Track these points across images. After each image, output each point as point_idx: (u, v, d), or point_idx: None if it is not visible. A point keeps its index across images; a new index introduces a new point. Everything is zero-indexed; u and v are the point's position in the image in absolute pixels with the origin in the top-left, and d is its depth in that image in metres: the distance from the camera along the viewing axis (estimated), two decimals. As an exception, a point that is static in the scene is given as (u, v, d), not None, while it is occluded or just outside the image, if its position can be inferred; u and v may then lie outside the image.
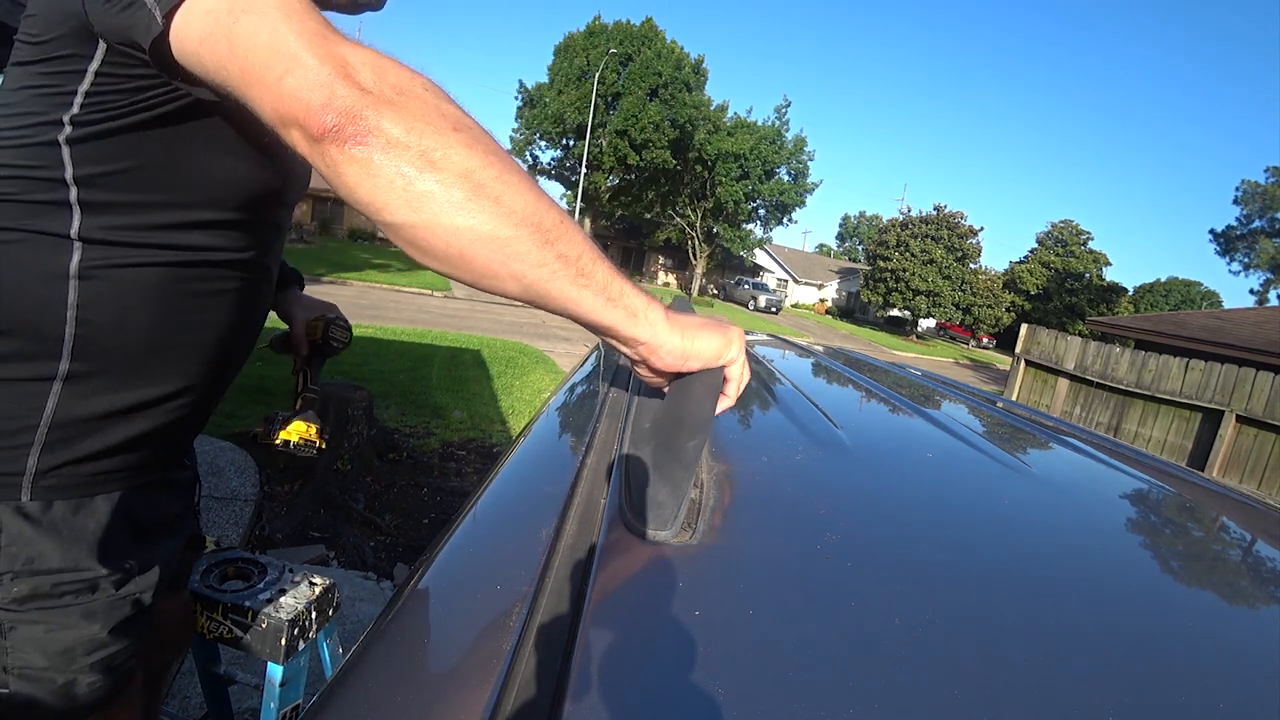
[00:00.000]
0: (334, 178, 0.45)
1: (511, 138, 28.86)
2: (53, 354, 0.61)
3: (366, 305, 10.59)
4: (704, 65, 25.91)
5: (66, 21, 0.55)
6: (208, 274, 0.69)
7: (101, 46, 0.55)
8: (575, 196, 25.69)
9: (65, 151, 0.58)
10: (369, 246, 22.42)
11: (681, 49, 25.58)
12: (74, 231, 0.60)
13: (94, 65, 0.56)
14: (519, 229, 0.48)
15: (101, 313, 0.62)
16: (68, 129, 0.58)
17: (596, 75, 22.18)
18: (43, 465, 0.63)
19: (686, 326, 0.55)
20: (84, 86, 0.57)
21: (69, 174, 0.59)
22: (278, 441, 1.06)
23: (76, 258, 0.61)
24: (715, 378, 0.66)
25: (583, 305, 0.53)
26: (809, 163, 27.21)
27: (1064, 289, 36.09)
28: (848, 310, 39.49)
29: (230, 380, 0.81)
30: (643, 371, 0.62)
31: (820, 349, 1.79)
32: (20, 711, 0.65)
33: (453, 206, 0.46)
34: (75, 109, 0.57)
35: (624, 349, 0.58)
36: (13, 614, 0.63)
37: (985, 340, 36.50)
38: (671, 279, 36.06)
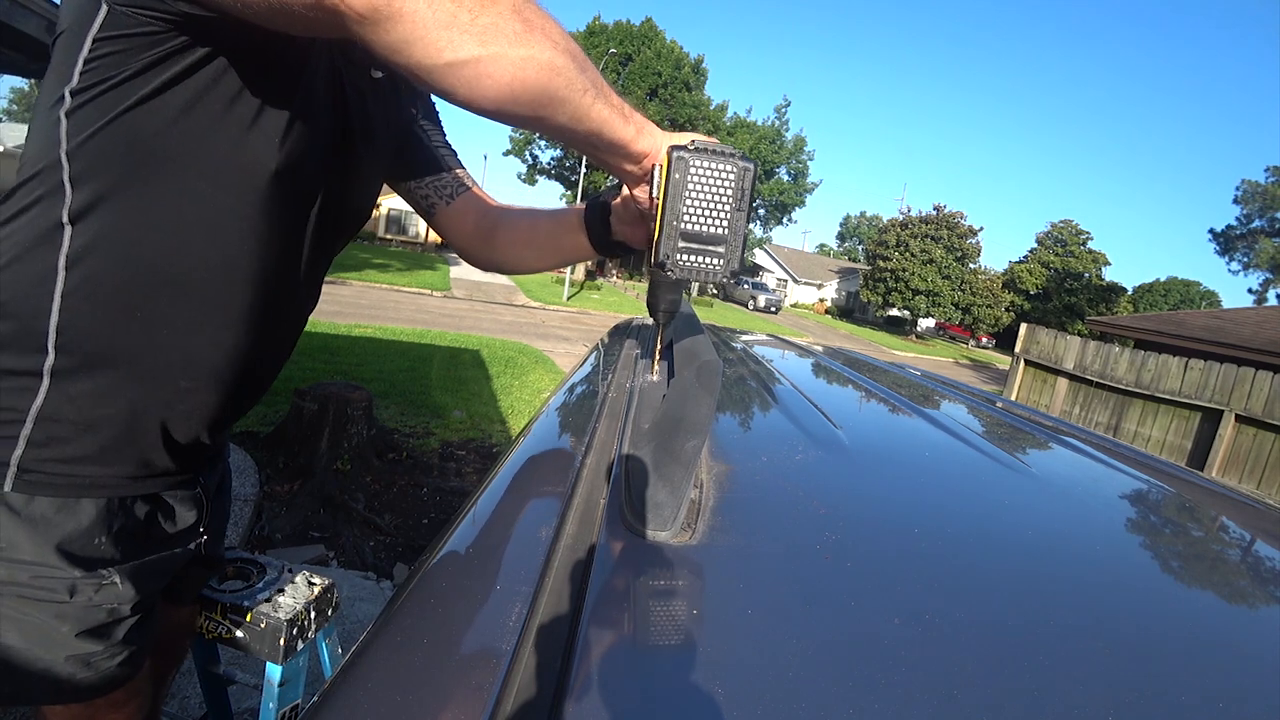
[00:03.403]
0: (398, 21, 0.46)
1: (511, 137, 28.86)
2: (39, 347, 0.61)
3: (366, 305, 10.59)
4: (704, 65, 25.92)
5: (83, 4, 0.55)
6: (206, 286, 0.65)
7: (102, 11, 0.54)
8: (575, 196, 25.70)
9: (64, 126, 0.57)
10: (369, 246, 22.42)
11: (681, 49, 25.58)
12: (66, 215, 0.59)
13: (93, 30, 0.55)
14: (564, 56, 0.52)
15: (83, 309, 0.61)
16: (68, 101, 0.57)
17: (596, 75, 22.21)
18: (26, 460, 0.62)
19: (655, 127, 0.64)
20: (83, 54, 0.55)
21: (64, 149, 0.58)
22: None
23: (66, 246, 0.60)
24: (714, 378, 0.66)
25: (612, 125, 0.59)
26: (809, 163, 27.26)
27: (1063, 289, 36.11)
28: (847, 310, 39.51)
29: (247, 403, 0.78)
30: (640, 194, 0.68)
31: (820, 349, 1.79)
32: (5, 681, 0.66)
33: (516, 37, 0.49)
34: (75, 80, 0.56)
35: (628, 166, 0.65)
36: None
37: (985, 340, 36.54)
38: (671, 279, 35.96)
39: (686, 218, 0.62)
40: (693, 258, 0.63)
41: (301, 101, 0.65)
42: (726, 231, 0.63)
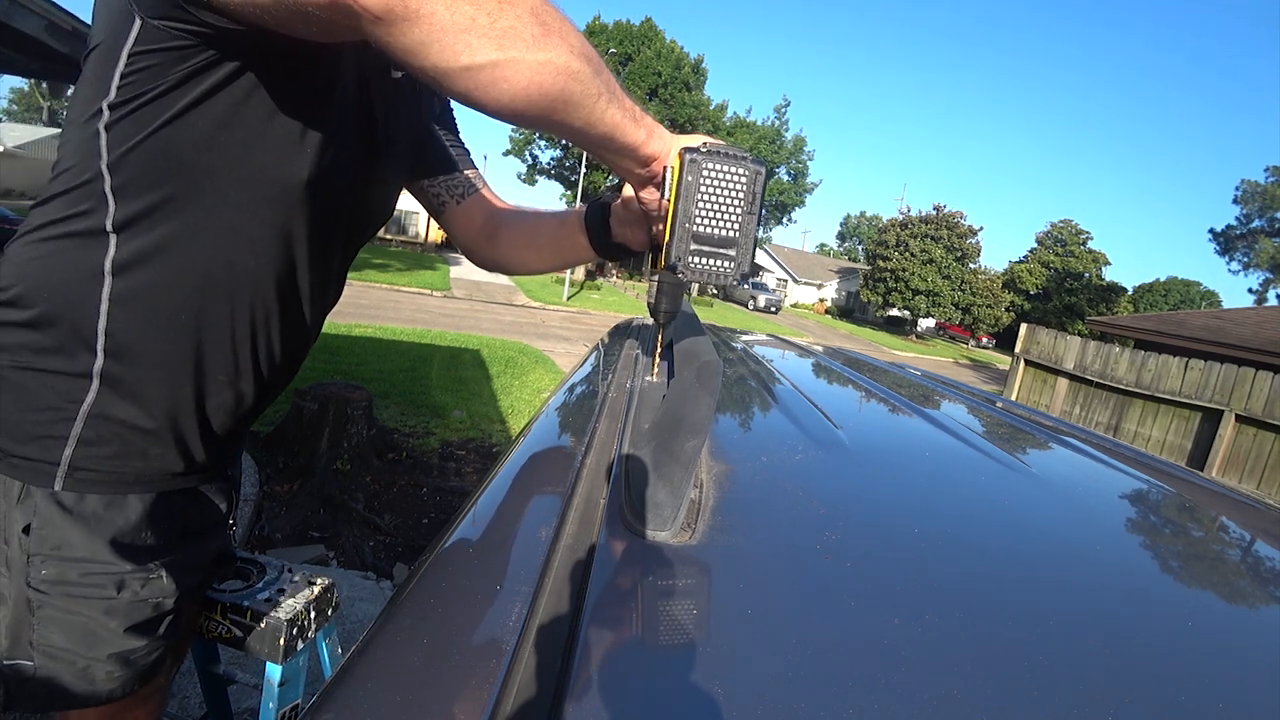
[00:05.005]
0: (415, 23, 0.45)
1: (511, 137, 28.86)
2: (89, 349, 0.62)
3: (366, 305, 10.59)
4: (703, 65, 25.92)
5: (117, 20, 0.56)
6: (243, 289, 0.67)
7: (136, 25, 0.54)
8: (575, 196, 25.69)
9: (103, 139, 0.58)
10: (369, 246, 22.38)
11: (681, 49, 25.58)
12: (109, 224, 0.60)
13: (128, 45, 0.55)
14: (580, 60, 0.52)
15: (129, 314, 0.63)
16: (106, 115, 0.58)
17: (596, 75, 22.21)
18: (77, 458, 0.64)
19: (665, 129, 0.64)
20: (119, 69, 0.56)
21: (104, 162, 0.59)
22: None
23: (111, 252, 0.61)
24: (714, 378, 0.66)
25: (624, 128, 0.59)
26: (809, 162, 27.25)
27: (1063, 289, 36.10)
28: (847, 310, 39.51)
29: (271, 397, 0.79)
30: (647, 196, 0.69)
31: (820, 349, 1.79)
32: (43, 685, 0.67)
33: (534, 41, 0.49)
34: (112, 94, 0.57)
35: (637, 169, 0.65)
36: (41, 594, 0.65)
37: (985, 340, 36.54)
38: (671, 279, 35.96)
39: (699, 220, 0.62)
40: (704, 260, 0.63)
41: (335, 113, 0.66)
42: (738, 234, 0.63)
